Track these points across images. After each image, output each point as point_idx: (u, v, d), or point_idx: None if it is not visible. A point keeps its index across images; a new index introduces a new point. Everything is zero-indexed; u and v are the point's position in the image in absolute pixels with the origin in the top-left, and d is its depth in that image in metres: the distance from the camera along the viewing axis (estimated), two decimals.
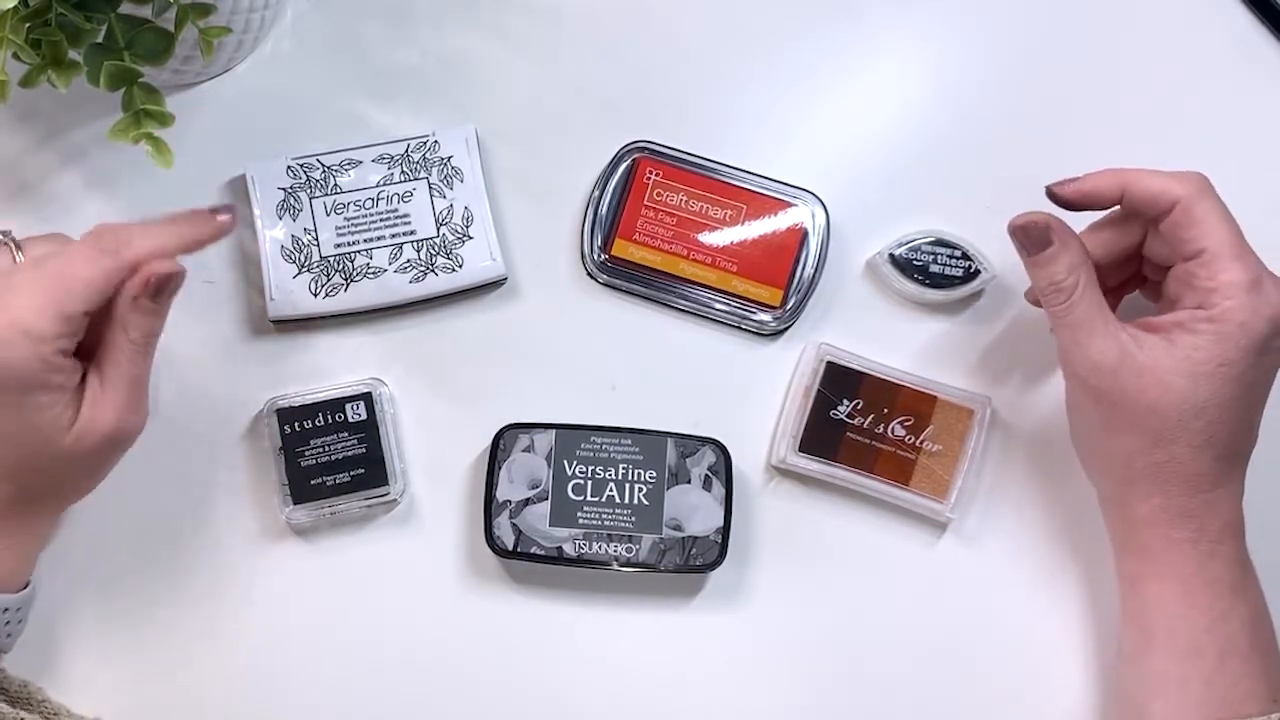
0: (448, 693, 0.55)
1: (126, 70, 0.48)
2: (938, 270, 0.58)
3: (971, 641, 0.57)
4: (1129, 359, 0.48)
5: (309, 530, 0.56)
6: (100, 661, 0.54)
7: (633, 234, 0.58)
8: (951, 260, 0.58)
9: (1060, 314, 0.50)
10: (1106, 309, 0.50)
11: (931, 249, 0.58)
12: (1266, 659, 0.49)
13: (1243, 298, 0.47)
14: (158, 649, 0.54)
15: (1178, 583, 0.49)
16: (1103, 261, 0.53)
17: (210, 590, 0.55)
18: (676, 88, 0.61)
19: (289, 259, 0.56)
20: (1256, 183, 0.61)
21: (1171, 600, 0.49)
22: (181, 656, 0.55)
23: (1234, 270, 0.48)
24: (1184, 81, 0.62)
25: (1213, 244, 0.48)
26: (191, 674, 0.55)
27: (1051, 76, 0.62)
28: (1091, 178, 0.52)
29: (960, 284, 0.58)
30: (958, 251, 0.58)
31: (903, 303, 0.59)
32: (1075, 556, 0.57)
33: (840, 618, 0.57)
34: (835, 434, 0.56)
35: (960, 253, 0.58)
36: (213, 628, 0.55)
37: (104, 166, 0.58)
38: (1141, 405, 0.48)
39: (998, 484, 0.58)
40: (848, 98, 0.61)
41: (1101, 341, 0.49)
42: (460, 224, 0.57)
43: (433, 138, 0.58)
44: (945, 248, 0.58)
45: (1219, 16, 0.62)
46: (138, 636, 0.54)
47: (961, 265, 0.58)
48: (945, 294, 0.58)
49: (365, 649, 0.55)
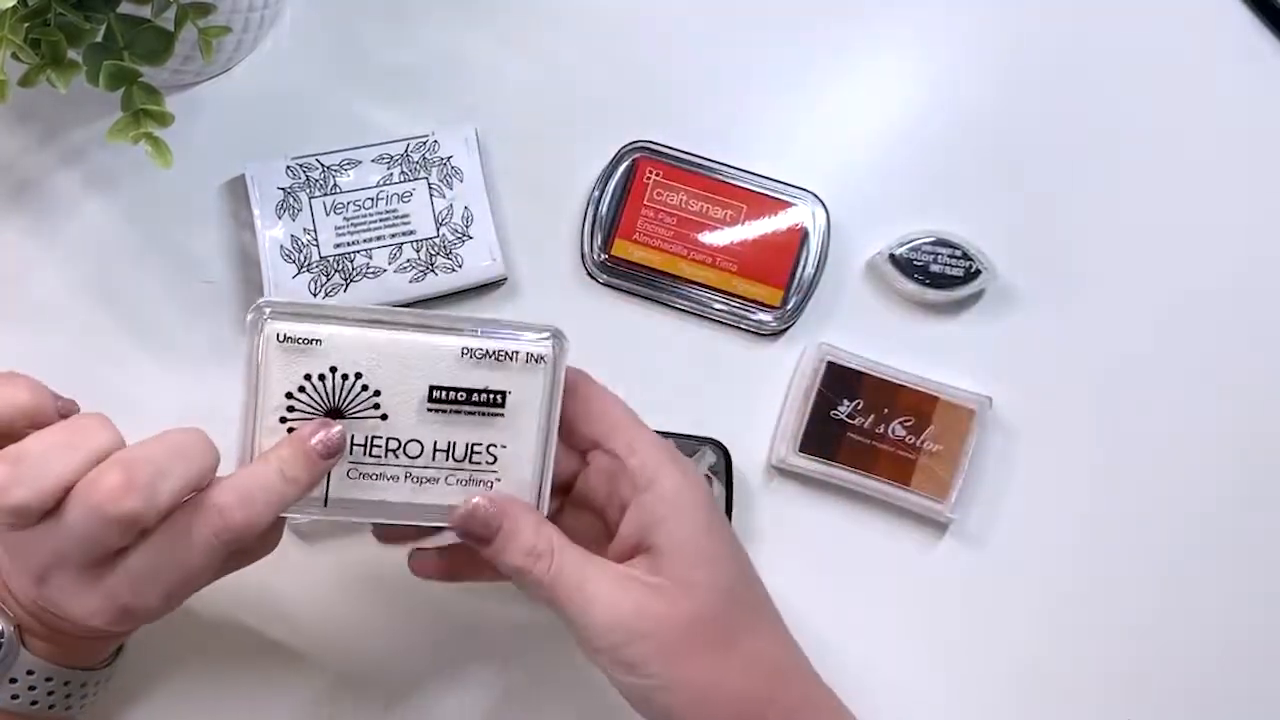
0: (448, 693, 0.55)
1: (126, 70, 0.48)
2: (938, 270, 0.58)
3: (971, 641, 0.57)
4: (640, 591, 0.41)
5: (309, 530, 0.56)
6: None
7: (633, 234, 0.58)
8: (952, 260, 0.58)
9: (551, 581, 0.41)
10: (591, 555, 0.42)
11: (932, 249, 0.58)
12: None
13: (670, 467, 0.43)
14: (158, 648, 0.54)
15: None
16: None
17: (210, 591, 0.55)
18: (676, 88, 0.61)
19: (288, 259, 0.56)
20: (1257, 183, 0.61)
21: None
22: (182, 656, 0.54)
23: (648, 438, 0.44)
24: (1184, 81, 0.62)
25: (620, 416, 0.44)
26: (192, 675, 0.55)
27: (1051, 76, 0.62)
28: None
29: (961, 284, 0.58)
30: (958, 251, 0.58)
31: (903, 303, 0.59)
32: (1075, 556, 0.57)
33: (840, 618, 0.57)
34: (835, 434, 0.56)
35: (961, 252, 0.58)
36: (213, 628, 0.55)
37: (103, 166, 0.58)
38: (682, 626, 0.41)
39: (998, 484, 0.58)
40: (848, 98, 0.61)
41: (607, 590, 0.41)
42: (460, 224, 0.57)
43: (432, 138, 0.58)
44: (946, 247, 0.58)
45: (1219, 16, 0.62)
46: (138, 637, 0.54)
47: (962, 265, 0.58)
48: (946, 294, 0.58)
49: (365, 649, 0.55)
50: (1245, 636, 0.58)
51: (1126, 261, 0.60)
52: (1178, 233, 0.60)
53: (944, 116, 0.61)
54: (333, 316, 0.42)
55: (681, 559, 0.42)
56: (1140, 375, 0.59)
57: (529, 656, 0.56)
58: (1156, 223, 0.60)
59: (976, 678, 0.56)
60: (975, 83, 0.62)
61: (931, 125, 0.61)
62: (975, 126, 0.61)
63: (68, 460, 0.38)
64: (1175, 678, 0.57)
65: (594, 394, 0.45)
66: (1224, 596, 0.58)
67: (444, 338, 0.42)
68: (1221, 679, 0.57)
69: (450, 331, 0.42)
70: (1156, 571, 0.58)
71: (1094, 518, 0.58)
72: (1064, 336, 0.59)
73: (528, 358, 0.42)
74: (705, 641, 0.42)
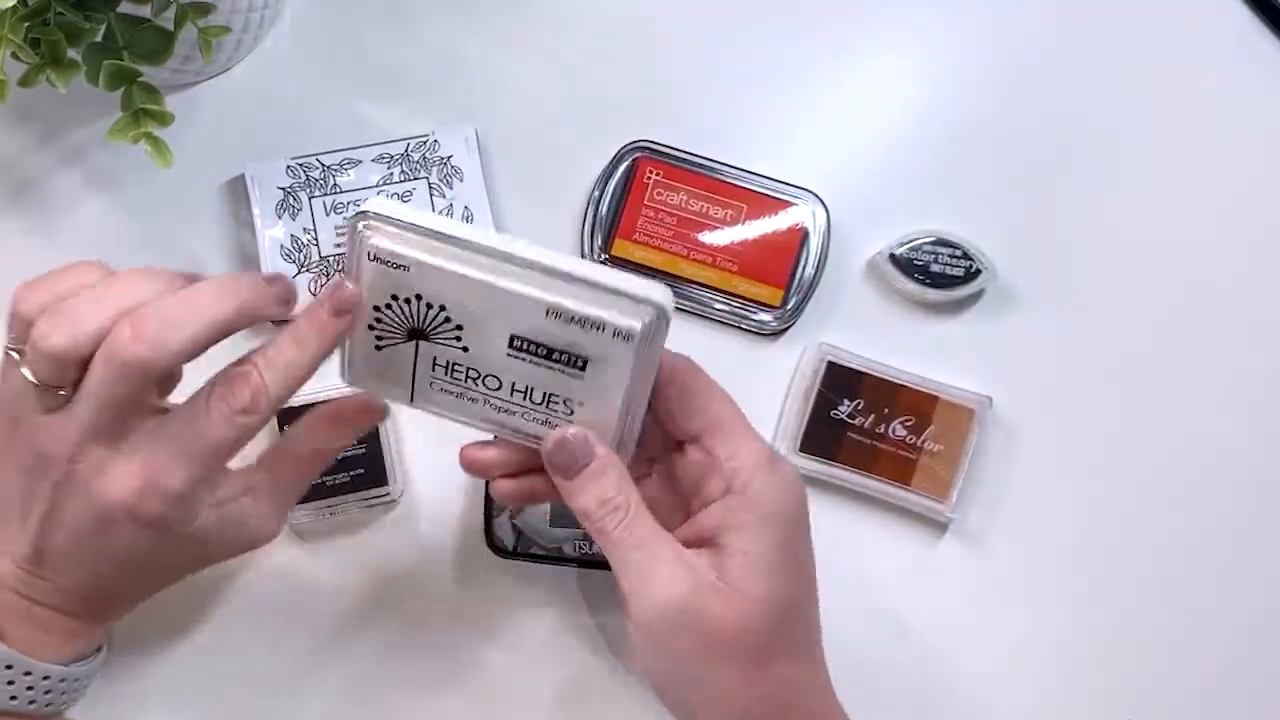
0: (447, 693, 0.55)
1: (125, 70, 0.48)
2: (939, 270, 0.58)
3: (971, 641, 0.57)
4: (700, 582, 0.41)
5: (308, 531, 0.56)
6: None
7: (633, 234, 0.58)
8: (952, 260, 0.58)
9: (618, 538, 0.42)
10: (662, 529, 0.42)
11: (932, 248, 0.58)
12: None
13: (767, 476, 0.42)
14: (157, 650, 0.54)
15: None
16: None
17: (210, 591, 0.55)
18: (676, 88, 0.61)
19: (288, 259, 0.56)
20: (1257, 182, 0.61)
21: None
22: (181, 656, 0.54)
23: (752, 445, 0.43)
24: (1184, 81, 0.62)
25: (725, 416, 0.43)
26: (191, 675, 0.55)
27: (1051, 76, 0.62)
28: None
29: (961, 284, 0.58)
30: (959, 251, 0.58)
31: (903, 302, 0.59)
32: (1075, 556, 0.57)
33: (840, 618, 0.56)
34: (836, 434, 0.56)
35: (961, 252, 0.58)
36: (213, 628, 0.55)
37: (103, 166, 0.58)
38: (730, 631, 0.41)
39: (998, 484, 0.58)
40: (848, 98, 0.61)
41: (669, 569, 0.41)
42: None
43: (432, 137, 0.58)
44: (946, 247, 0.58)
45: (1219, 16, 0.62)
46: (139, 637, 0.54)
47: (962, 265, 0.58)
48: (946, 294, 0.58)
49: (364, 650, 0.55)
50: (1246, 636, 0.58)
51: (1126, 261, 0.60)
52: (1178, 232, 0.60)
53: (944, 116, 0.61)
54: (431, 238, 0.40)
55: (748, 569, 0.41)
56: (1140, 375, 0.59)
57: (529, 658, 0.55)
58: (1157, 222, 0.60)
59: (976, 677, 0.56)
60: (975, 83, 0.62)
61: (931, 125, 0.61)
62: (975, 126, 0.61)
63: (101, 311, 0.40)
64: (1176, 677, 0.57)
65: (698, 387, 0.44)
66: (1224, 596, 0.58)
67: (535, 290, 0.40)
68: (1222, 679, 0.57)
69: (545, 284, 0.40)
70: (1157, 571, 0.58)
71: (1094, 517, 0.58)
72: (1064, 336, 0.59)
73: (614, 331, 0.40)
74: (744, 653, 0.42)
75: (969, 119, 0.61)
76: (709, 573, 0.41)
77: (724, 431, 0.43)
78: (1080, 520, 0.58)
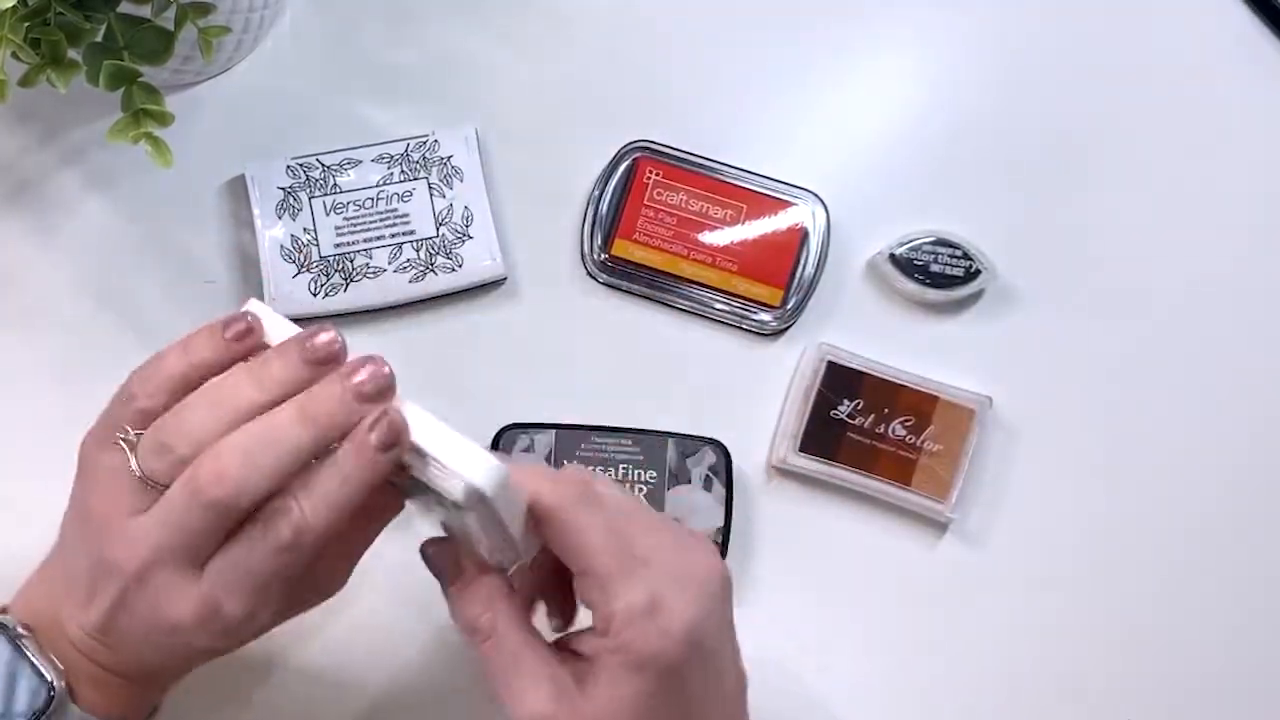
0: (447, 693, 0.55)
1: (126, 70, 0.48)
2: (938, 270, 0.58)
3: (971, 641, 0.57)
4: (567, 701, 0.40)
5: None
6: None
7: (633, 233, 0.58)
8: (952, 260, 0.58)
9: (485, 654, 0.42)
10: (537, 644, 0.41)
11: (932, 249, 0.58)
12: None
13: (642, 623, 0.39)
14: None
15: None
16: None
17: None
18: (676, 88, 0.61)
19: (288, 259, 0.56)
20: (1257, 182, 0.61)
21: None
22: None
23: (628, 593, 0.40)
24: (1184, 81, 0.62)
25: (597, 563, 0.40)
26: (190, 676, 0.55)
27: (1051, 75, 0.62)
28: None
29: (961, 284, 0.58)
30: (959, 251, 0.58)
31: (903, 302, 0.59)
32: (1075, 556, 0.57)
33: (840, 618, 0.57)
34: (836, 434, 0.56)
35: (961, 252, 0.58)
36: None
37: (103, 166, 0.58)
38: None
39: (998, 484, 0.58)
40: (848, 98, 0.61)
41: (533, 690, 0.40)
42: (460, 224, 0.57)
43: (432, 137, 0.58)
44: (946, 247, 0.58)
45: (1219, 16, 0.62)
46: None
47: (962, 265, 0.58)
48: (946, 294, 0.58)
49: (365, 650, 0.55)
50: (1246, 636, 0.58)
51: (1126, 261, 0.60)
52: (1178, 232, 0.60)
53: (944, 116, 0.61)
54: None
55: (611, 709, 0.40)
56: (1140, 375, 0.59)
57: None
58: (1156, 222, 0.60)
59: (977, 677, 0.56)
60: (975, 83, 0.62)
61: (931, 125, 0.61)
62: (975, 126, 0.61)
63: (204, 421, 0.39)
64: (1176, 677, 0.57)
65: (576, 527, 0.41)
66: (1224, 595, 0.58)
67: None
68: (1222, 678, 0.57)
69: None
70: (1157, 571, 0.58)
71: (1094, 517, 0.58)
72: (1064, 336, 0.59)
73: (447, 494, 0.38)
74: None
75: (969, 119, 0.61)
76: (575, 693, 0.40)
77: (597, 580, 0.40)
78: (1080, 520, 0.58)
